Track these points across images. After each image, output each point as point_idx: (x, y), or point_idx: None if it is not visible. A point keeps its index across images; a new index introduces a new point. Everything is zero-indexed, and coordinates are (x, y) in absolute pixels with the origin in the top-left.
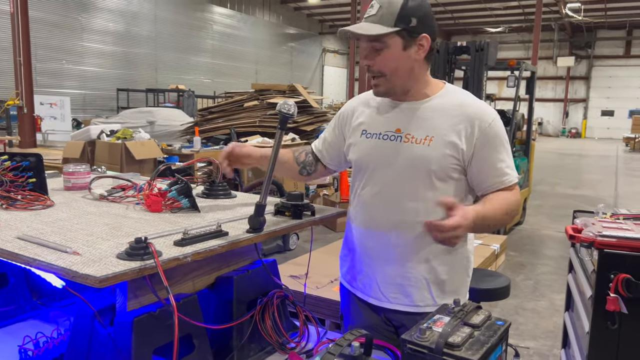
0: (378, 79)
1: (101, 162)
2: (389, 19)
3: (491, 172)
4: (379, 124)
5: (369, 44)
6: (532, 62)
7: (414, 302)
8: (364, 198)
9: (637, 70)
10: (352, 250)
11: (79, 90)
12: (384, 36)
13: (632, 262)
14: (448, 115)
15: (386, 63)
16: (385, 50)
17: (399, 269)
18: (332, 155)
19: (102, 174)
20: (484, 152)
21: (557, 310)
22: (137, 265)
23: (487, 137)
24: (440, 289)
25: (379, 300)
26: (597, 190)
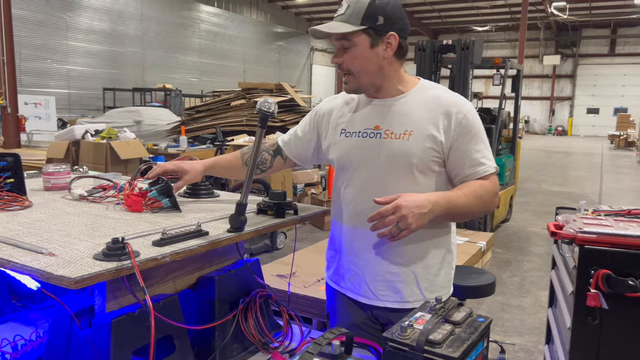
0: (347, 77)
1: (86, 162)
2: (356, 18)
3: (467, 163)
4: (358, 122)
5: (339, 42)
6: (519, 60)
7: (404, 298)
8: (347, 197)
9: (621, 68)
10: (339, 250)
11: (65, 90)
12: (351, 34)
13: (612, 258)
14: (425, 109)
15: (354, 61)
16: (353, 48)
17: (387, 266)
18: (299, 150)
19: (83, 174)
20: (460, 143)
21: (542, 306)
22: (113, 266)
23: (464, 128)
24: (429, 283)
25: (369, 299)
26: (582, 187)
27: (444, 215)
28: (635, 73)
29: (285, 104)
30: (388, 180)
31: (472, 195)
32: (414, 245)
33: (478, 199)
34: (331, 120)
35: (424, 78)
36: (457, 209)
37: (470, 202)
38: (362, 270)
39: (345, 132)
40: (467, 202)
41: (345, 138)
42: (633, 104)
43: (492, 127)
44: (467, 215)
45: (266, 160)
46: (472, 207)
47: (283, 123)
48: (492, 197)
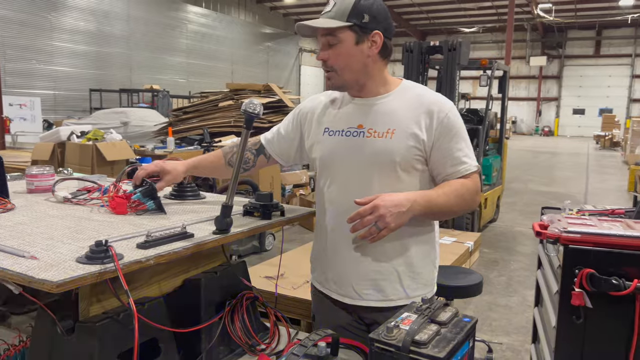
0: (330, 73)
1: (71, 164)
2: (342, 14)
3: (449, 162)
4: (341, 121)
5: (324, 38)
6: (506, 61)
7: (387, 297)
8: (330, 196)
9: (606, 69)
10: (323, 250)
11: (50, 91)
12: (337, 30)
13: (595, 257)
14: (407, 108)
15: (339, 57)
16: (339, 45)
17: (370, 265)
18: (282, 148)
19: (67, 176)
20: (442, 142)
21: (529, 305)
22: (96, 270)
23: (445, 127)
24: (411, 281)
25: (353, 299)
26: (568, 187)
27: (424, 214)
28: (619, 74)
29: (273, 105)
30: (371, 179)
31: (453, 194)
32: (397, 243)
33: (459, 197)
34: (314, 119)
35: (412, 79)
36: (437, 207)
37: (451, 201)
38: (346, 270)
39: (329, 130)
40: (447, 201)
41: (329, 137)
42: (618, 105)
43: (479, 127)
44: (448, 213)
45: (249, 159)
46: (453, 206)
47: (271, 124)
48: (473, 196)
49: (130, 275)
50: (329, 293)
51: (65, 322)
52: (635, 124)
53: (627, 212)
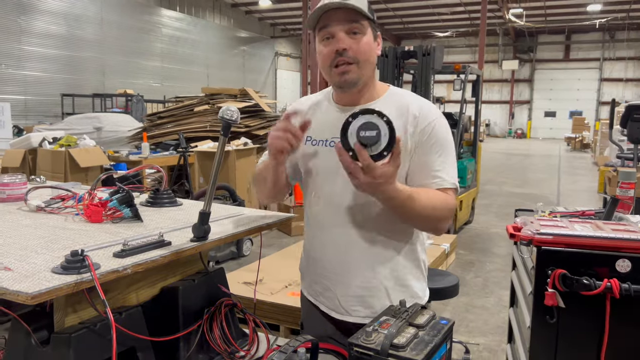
0: (350, 66)
1: (43, 171)
2: (364, 6)
3: (424, 172)
4: (325, 130)
5: (349, 25)
6: (479, 65)
7: (375, 313)
8: (316, 209)
9: (575, 73)
10: (311, 263)
11: (20, 96)
12: (364, 19)
13: (567, 258)
14: (394, 116)
15: (363, 48)
16: (363, 35)
17: (357, 281)
18: (291, 164)
19: (40, 184)
20: (421, 151)
21: (505, 306)
22: (72, 280)
23: (427, 135)
24: (401, 293)
25: (341, 314)
26: (541, 188)
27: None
28: (588, 78)
29: (250, 109)
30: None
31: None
32: (385, 258)
33: (435, 210)
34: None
35: (387, 83)
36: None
37: (428, 208)
38: (334, 285)
39: (312, 140)
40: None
41: (311, 146)
42: (587, 107)
43: (454, 131)
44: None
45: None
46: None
47: (248, 128)
48: (446, 210)
49: (107, 284)
50: (318, 304)
51: (40, 333)
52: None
53: (597, 213)
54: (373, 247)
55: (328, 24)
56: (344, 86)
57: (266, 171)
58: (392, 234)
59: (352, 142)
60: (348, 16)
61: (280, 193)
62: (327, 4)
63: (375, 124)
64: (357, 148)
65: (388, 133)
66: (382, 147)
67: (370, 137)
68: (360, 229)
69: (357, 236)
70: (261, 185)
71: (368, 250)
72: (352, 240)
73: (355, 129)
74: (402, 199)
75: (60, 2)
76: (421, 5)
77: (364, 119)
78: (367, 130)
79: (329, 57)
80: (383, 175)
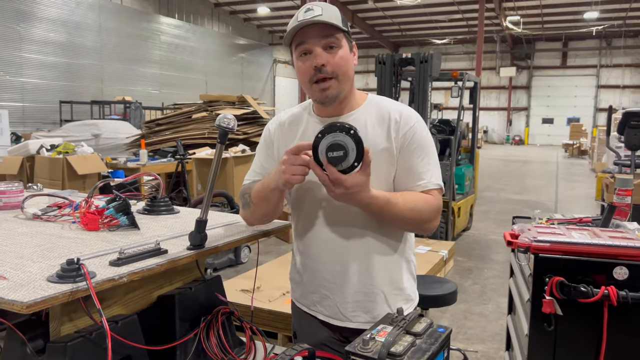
0: (330, 81)
1: (41, 178)
2: (337, 19)
3: (409, 176)
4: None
5: (325, 40)
6: (476, 72)
7: (375, 318)
8: (306, 220)
9: (572, 80)
10: (304, 274)
11: (19, 103)
12: (339, 33)
13: (564, 265)
14: (376, 123)
15: (341, 62)
16: (340, 49)
17: (355, 287)
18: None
19: (37, 192)
20: (404, 155)
21: (503, 313)
22: (68, 289)
23: (409, 140)
24: (397, 297)
25: (341, 321)
26: (539, 195)
27: (373, 214)
28: (585, 84)
29: (248, 116)
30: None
31: (411, 204)
32: (380, 263)
33: (416, 212)
34: (281, 142)
35: (385, 90)
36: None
37: (408, 209)
38: (333, 293)
39: None
40: (404, 208)
41: None
42: (585, 114)
43: (452, 138)
44: (399, 222)
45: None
46: (408, 217)
47: (246, 135)
48: (431, 210)
49: (103, 293)
50: (315, 314)
51: (35, 342)
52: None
53: (594, 220)
54: (368, 252)
55: (304, 40)
56: (326, 102)
57: (269, 193)
58: (384, 237)
59: (321, 157)
60: (323, 32)
61: (277, 213)
62: (303, 20)
63: (341, 144)
64: (325, 164)
65: (355, 148)
66: (350, 161)
67: (337, 157)
68: (354, 235)
69: (352, 243)
70: (261, 205)
71: (364, 256)
72: (348, 247)
73: (324, 148)
74: (380, 205)
75: (59, 9)
76: (419, 12)
77: (332, 138)
78: (334, 151)
79: (308, 73)
80: (355, 185)
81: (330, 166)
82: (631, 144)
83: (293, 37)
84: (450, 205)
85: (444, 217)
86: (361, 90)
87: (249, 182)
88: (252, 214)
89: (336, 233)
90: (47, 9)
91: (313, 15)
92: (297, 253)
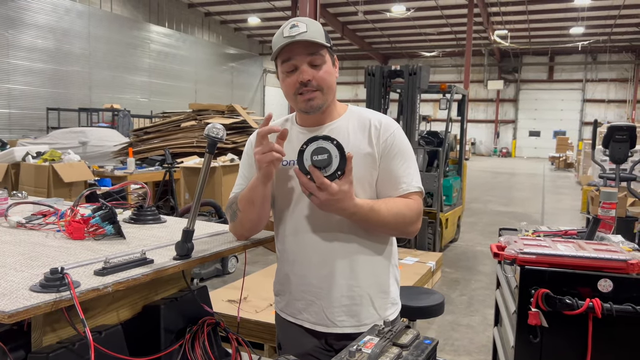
0: (315, 92)
1: (26, 186)
2: (320, 36)
3: (391, 180)
4: (293, 150)
5: (310, 57)
6: (465, 85)
7: (362, 321)
8: (290, 228)
9: (559, 94)
10: (289, 283)
11: (4, 110)
12: (323, 49)
13: (550, 277)
14: (357, 130)
15: (325, 77)
16: (324, 64)
17: (342, 291)
18: None
19: (22, 200)
20: (386, 161)
21: (490, 324)
22: (51, 298)
23: (389, 145)
24: (382, 300)
25: (326, 326)
26: (526, 207)
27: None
28: (571, 98)
29: (237, 126)
30: None
31: (394, 209)
32: (365, 266)
33: (398, 215)
34: None
35: (374, 101)
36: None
37: (391, 215)
38: (319, 298)
39: (282, 161)
40: (386, 214)
41: (282, 166)
42: (571, 127)
43: (440, 149)
44: (382, 228)
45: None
46: (391, 223)
47: (235, 145)
48: (412, 214)
49: (87, 302)
50: (299, 322)
51: (16, 353)
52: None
53: (579, 232)
54: (354, 256)
55: (291, 57)
56: (310, 111)
57: (253, 193)
58: (369, 241)
59: (307, 165)
60: (308, 49)
61: (264, 220)
62: (288, 37)
63: (325, 148)
64: (311, 169)
65: (338, 155)
66: (334, 167)
67: (322, 160)
68: (340, 240)
69: (338, 247)
70: (248, 210)
71: (350, 259)
72: (334, 252)
73: (309, 154)
74: (364, 213)
75: (48, 16)
76: (408, 25)
77: (316, 145)
78: (319, 154)
79: (294, 86)
80: (340, 191)
81: (315, 170)
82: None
83: (279, 52)
84: (437, 216)
85: (431, 228)
86: (351, 101)
87: (234, 195)
88: (240, 223)
89: (322, 237)
90: (35, 15)
91: (298, 32)
92: (282, 262)
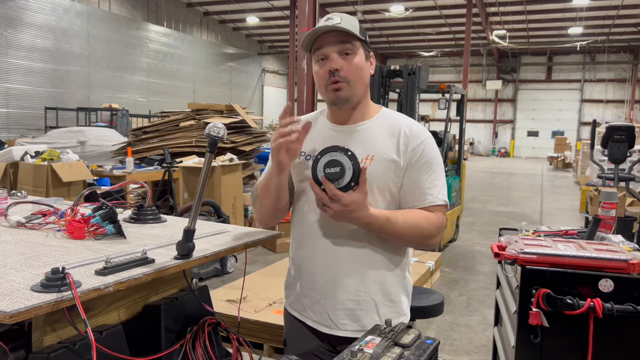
0: (342, 84)
1: (25, 186)
2: (355, 29)
3: (416, 191)
4: (320, 146)
5: (340, 46)
6: (463, 85)
7: (364, 327)
8: (307, 222)
9: (557, 94)
10: (299, 278)
11: (3, 109)
12: (356, 40)
13: (551, 277)
14: (385, 135)
15: (354, 69)
16: (355, 56)
17: (348, 294)
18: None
19: (21, 199)
20: (412, 170)
21: (489, 324)
22: (52, 298)
23: (418, 155)
24: (388, 309)
25: (329, 328)
26: (524, 207)
27: (374, 231)
28: (569, 98)
29: (236, 125)
30: None
31: (411, 222)
32: (374, 272)
33: (416, 228)
34: None
35: (373, 101)
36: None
37: (407, 227)
38: (323, 298)
39: (306, 154)
40: (403, 227)
41: (306, 160)
42: (569, 128)
43: (440, 149)
44: (400, 240)
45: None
46: (408, 234)
47: (234, 144)
48: (433, 231)
49: (88, 302)
50: (304, 320)
51: (17, 353)
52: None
53: (579, 232)
54: (364, 259)
55: (322, 46)
56: (337, 102)
57: (268, 180)
58: (383, 249)
59: (319, 175)
60: (340, 38)
61: (283, 209)
62: (321, 27)
63: (338, 161)
64: (324, 180)
65: (352, 166)
66: (348, 179)
67: (334, 173)
68: (351, 241)
69: (348, 248)
70: (265, 197)
71: (359, 263)
72: (344, 252)
73: (322, 166)
74: (379, 224)
75: (47, 15)
76: (407, 25)
77: (330, 157)
78: (332, 167)
79: (324, 77)
80: (352, 202)
81: (328, 182)
82: (614, 158)
83: (313, 42)
84: None
85: None
86: None
87: (259, 180)
88: (259, 208)
89: (334, 238)
90: (35, 15)
91: (333, 23)
92: (294, 258)
